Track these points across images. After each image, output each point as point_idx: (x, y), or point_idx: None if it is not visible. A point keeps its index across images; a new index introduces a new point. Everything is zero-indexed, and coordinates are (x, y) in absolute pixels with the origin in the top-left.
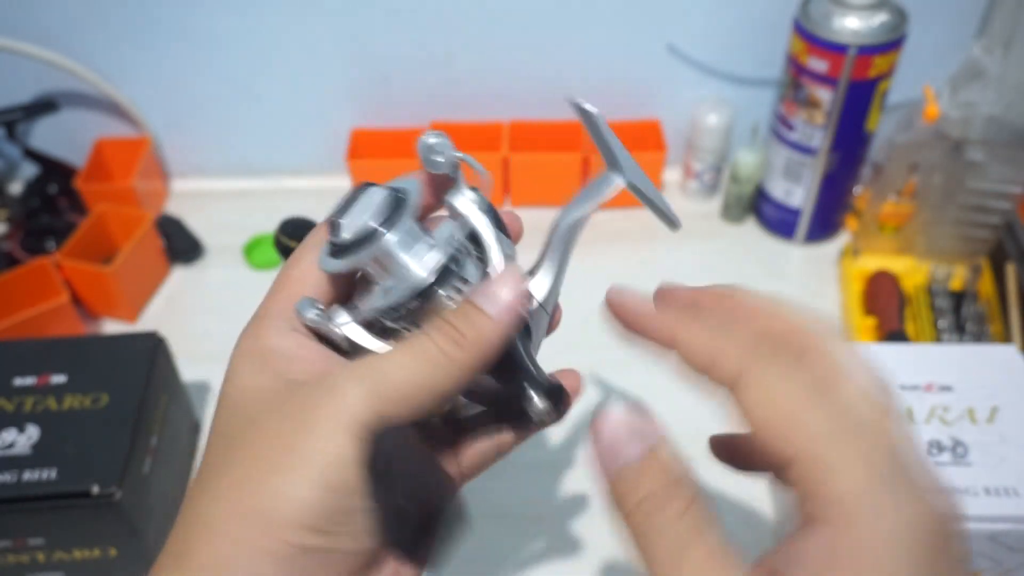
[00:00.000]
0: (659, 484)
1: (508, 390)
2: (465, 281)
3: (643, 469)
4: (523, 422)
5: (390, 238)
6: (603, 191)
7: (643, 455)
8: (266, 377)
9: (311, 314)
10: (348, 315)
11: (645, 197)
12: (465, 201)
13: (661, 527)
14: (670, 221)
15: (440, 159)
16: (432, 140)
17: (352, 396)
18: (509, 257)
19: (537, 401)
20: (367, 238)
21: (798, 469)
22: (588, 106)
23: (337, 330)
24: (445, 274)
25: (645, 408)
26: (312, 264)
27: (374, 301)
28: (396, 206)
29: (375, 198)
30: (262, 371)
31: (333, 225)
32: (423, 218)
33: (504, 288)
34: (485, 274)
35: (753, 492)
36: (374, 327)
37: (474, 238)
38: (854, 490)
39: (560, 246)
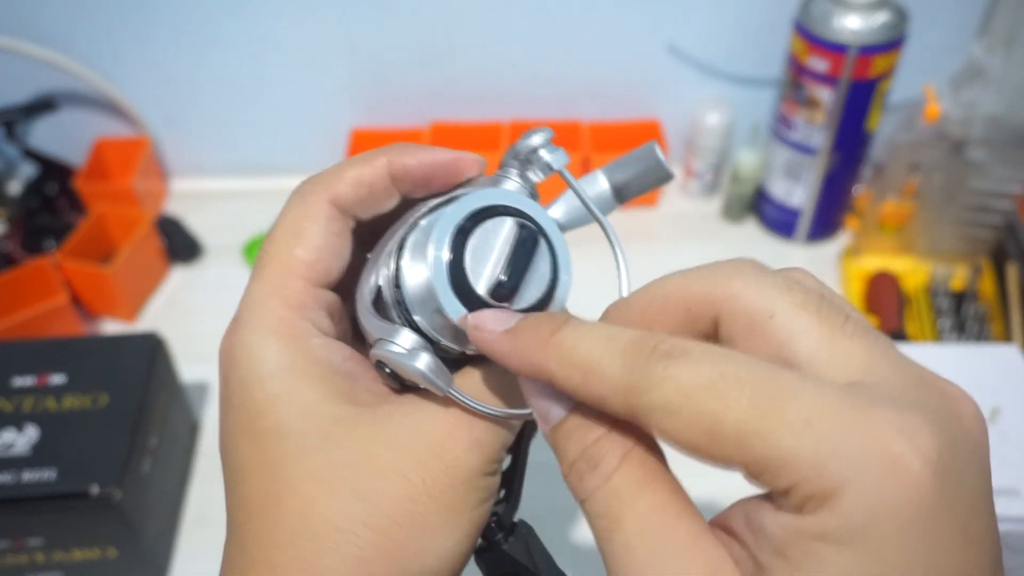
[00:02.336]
0: (584, 442)
1: None
2: None
3: (568, 427)
4: None
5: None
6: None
7: (567, 411)
8: (333, 399)
9: (396, 349)
10: (429, 355)
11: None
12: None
13: (595, 490)
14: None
15: (547, 162)
16: (538, 140)
17: (465, 460)
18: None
19: None
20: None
21: (749, 471)
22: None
23: (423, 368)
24: None
25: None
26: (319, 240)
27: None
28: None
29: (511, 243)
30: (326, 392)
31: (501, 285)
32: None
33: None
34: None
35: None
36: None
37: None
38: (817, 469)
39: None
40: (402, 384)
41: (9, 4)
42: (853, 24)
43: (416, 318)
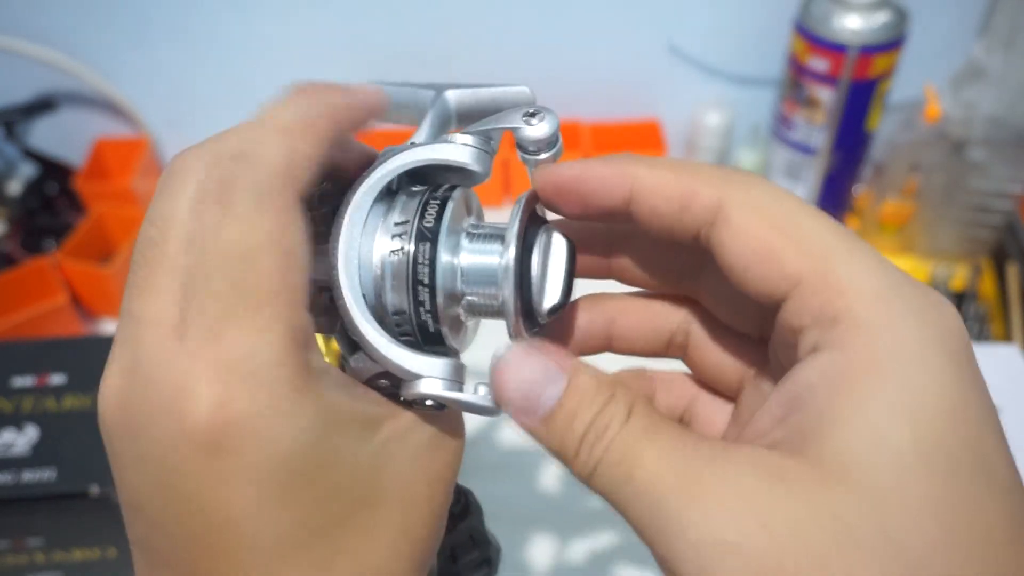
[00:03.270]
0: (592, 412)
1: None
2: None
3: (568, 407)
4: None
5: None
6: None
7: (563, 391)
8: (366, 440)
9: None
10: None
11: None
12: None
13: (609, 450)
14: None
15: (545, 155)
16: (544, 132)
17: (458, 465)
18: None
19: None
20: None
21: (802, 291)
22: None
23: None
24: None
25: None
26: (308, 256)
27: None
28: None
29: (565, 259)
30: (361, 435)
31: (555, 310)
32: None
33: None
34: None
35: None
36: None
37: None
38: (871, 298)
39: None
40: (440, 407)
41: (9, 4)
42: (853, 24)
43: (444, 329)
